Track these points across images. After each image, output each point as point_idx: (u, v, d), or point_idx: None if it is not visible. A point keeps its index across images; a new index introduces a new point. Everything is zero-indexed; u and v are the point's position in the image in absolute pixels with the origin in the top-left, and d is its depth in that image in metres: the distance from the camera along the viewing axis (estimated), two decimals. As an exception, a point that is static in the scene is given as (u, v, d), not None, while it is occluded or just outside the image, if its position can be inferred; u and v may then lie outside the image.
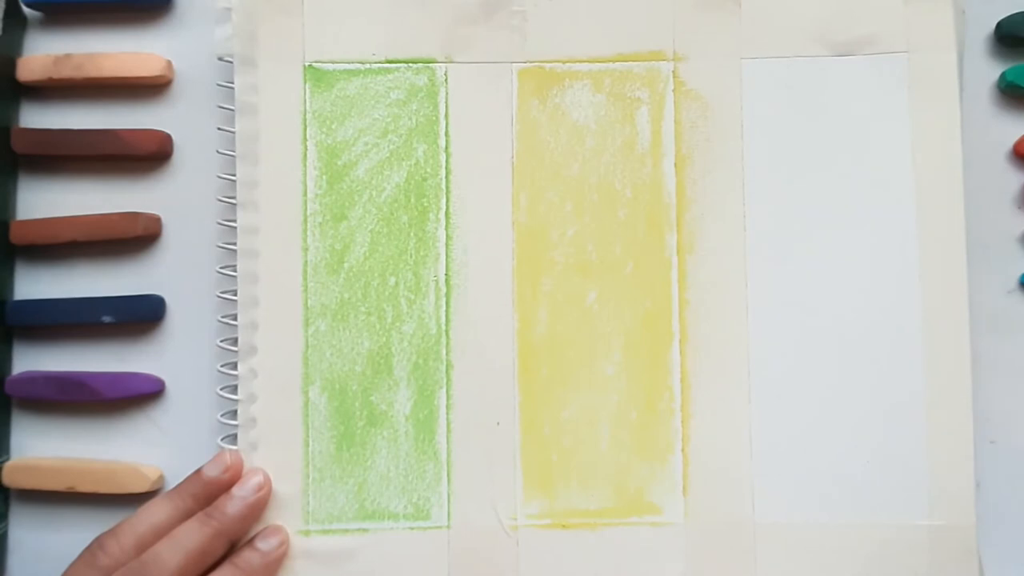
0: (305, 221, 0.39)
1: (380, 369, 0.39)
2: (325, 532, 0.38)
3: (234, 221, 0.39)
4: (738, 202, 0.40)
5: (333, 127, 0.40)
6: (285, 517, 0.38)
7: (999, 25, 0.41)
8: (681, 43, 0.40)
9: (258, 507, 0.37)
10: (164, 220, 0.41)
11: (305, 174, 0.39)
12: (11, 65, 0.41)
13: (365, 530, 0.38)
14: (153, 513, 0.36)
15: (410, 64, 0.40)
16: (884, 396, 0.39)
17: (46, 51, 0.41)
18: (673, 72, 0.40)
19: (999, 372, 0.40)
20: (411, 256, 0.39)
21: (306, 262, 0.39)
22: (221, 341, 0.39)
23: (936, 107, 0.39)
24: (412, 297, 0.39)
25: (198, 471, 0.37)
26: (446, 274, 0.39)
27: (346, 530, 0.38)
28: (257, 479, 0.37)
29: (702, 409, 0.39)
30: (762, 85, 0.40)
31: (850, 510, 0.39)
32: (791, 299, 0.39)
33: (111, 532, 0.36)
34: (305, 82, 0.40)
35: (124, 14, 0.42)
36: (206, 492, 0.37)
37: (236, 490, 0.37)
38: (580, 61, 0.40)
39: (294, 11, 0.40)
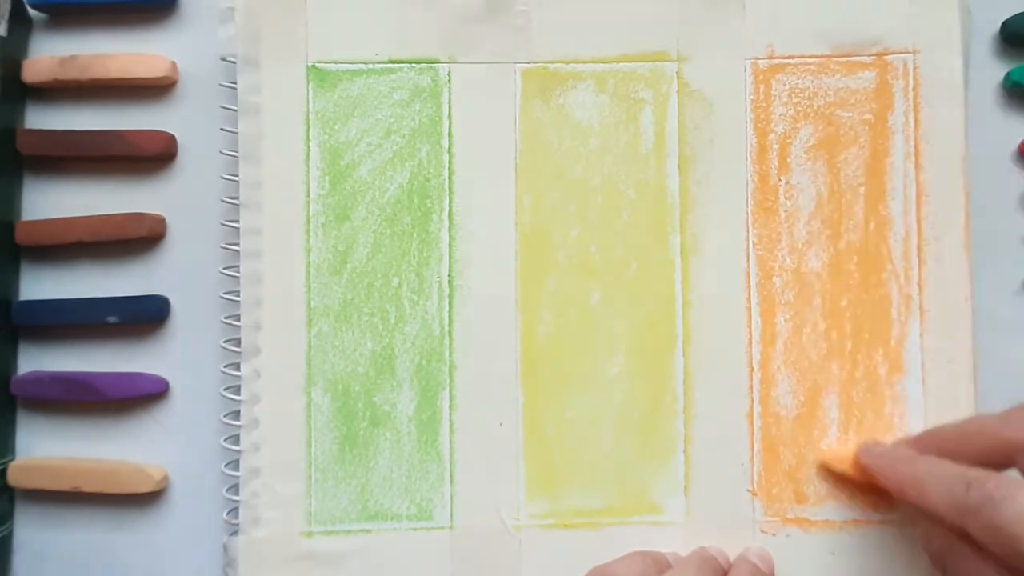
0: (308, 222, 0.39)
1: (383, 370, 0.39)
2: (328, 533, 0.38)
3: (238, 222, 0.39)
4: (741, 203, 0.40)
5: (336, 127, 0.40)
6: (287, 518, 0.38)
7: (1004, 25, 0.41)
8: (685, 44, 0.40)
9: None
10: (168, 221, 0.41)
11: (308, 175, 0.39)
12: (16, 67, 0.41)
13: (368, 531, 0.39)
14: None
15: (413, 64, 0.40)
16: (885, 396, 0.39)
17: (51, 53, 0.41)
18: (677, 73, 0.40)
19: (1003, 372, 0.40)
20: (414, 257, 0.40)
21: (309, 263, 0.39)
22: (224, 342, 0.39)
23: (941, 107, 0.39)
24: (415, 298, 0.39)
25: None
26: (449, 275, 0.39)
27: (349, 531, 0.38)
28: None
29: (704, 410, 0.39)
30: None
31: (850, 510, 0.39)
32: (792, 301, 0.39)
33: None
34: (308, 82, 0.40)
35: (129, 15, 0.42)
36: None
37: None
38: (584, 62, 0.40)
39: (297, 11, 0.40)
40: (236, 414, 0.39)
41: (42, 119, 0.42)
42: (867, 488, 0.38)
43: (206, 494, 0.40)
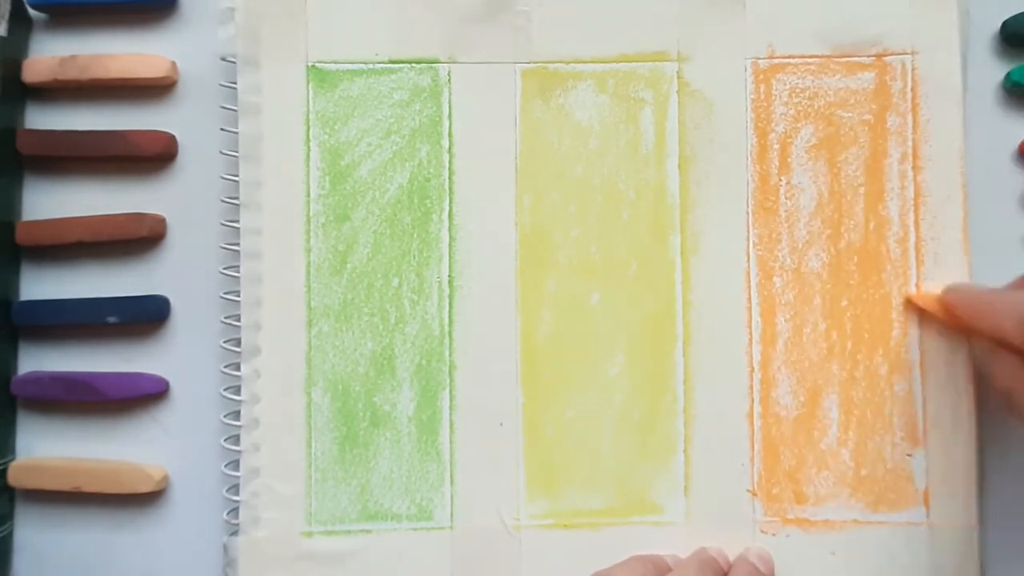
0: (308, 222, 0.39)
1: (383, 370, 0.39)
2: (328, 533, 0.38)
3: (238, 222, 0.39)
4: (741, 203, 0.40)
5: (336, 128, 0.40)
6: (287, 518, 0.38)
7: (1004, 25, 0.41)
8: (685, 44, 0.40)
9: None
10: (168, 221, 0.41)
11: (308, 175, 0.39)
12: (17, 67, 0.41)
13: (368, 531, 0.39)
14: None
15: (413, 64, 0.40)
16: (885, 396, 0.39)
17: (51, 53, 0.41)
18: (677, 73, 0.40)
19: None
20: (414, 257, 0.40)
21: (309, 263, 0.39)
22: (225, 342, 0.39)
23: (940, 108, 0.39)
24: (415, 298, 0.39)
25: None
26: (449, 275, 0.39)
27: (349, 531, 0.39)
28: None
29: (704, 411, 0.39)
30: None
31: (850, 510, 0.39)
32: (793, 301, 0.39)
33: None
34: (308, 82, 0.40)
35: (129, 15, 0.42)
36: None
37: None
38: (584, 62, 0.40)
39: (297, 11, 0.40)
40: (236, 414, 0.39)
41: (42, 119, 0.42)
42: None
43: (206, 494, 0.40)
